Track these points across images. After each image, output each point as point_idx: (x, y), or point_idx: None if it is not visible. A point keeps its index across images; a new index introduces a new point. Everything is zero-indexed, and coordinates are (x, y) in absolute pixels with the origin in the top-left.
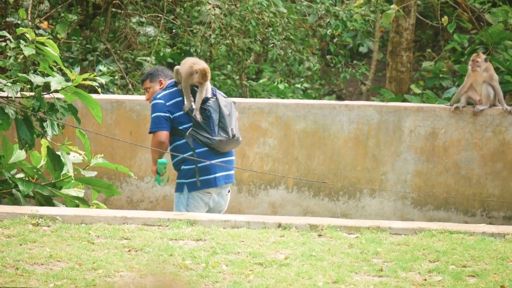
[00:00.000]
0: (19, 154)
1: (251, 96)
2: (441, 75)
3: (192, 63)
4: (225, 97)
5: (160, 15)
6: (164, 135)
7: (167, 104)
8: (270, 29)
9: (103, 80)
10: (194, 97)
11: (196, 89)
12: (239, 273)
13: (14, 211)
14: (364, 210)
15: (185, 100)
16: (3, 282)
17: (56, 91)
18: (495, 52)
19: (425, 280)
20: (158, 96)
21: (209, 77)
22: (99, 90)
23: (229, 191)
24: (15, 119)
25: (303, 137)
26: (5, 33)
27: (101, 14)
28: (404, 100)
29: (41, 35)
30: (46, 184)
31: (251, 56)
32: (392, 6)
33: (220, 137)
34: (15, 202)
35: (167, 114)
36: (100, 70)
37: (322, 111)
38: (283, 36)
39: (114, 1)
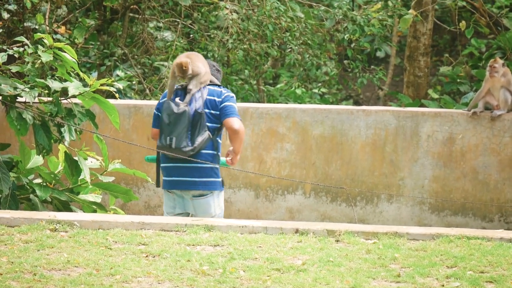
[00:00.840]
0: (36, 160)
1: (268, 101)
2: (458, 80)
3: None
4: (202, 105)
5: (178, 20)
6: (153, 132)
7: (160, 101)
8: (288, 34)
9: (120, 85)
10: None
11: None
12: (256, 278)
13: (32, 216)
14: (382, 215)
15: None
16: (21, 287)
17: (74, 96)
18: None
19: (443, 286)
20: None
21: (187, 72)
22: (117, 95)
23: (196, 196)
24: (32, 125)
25: (320, 142)
26: (23, 38)
27: (118, 19)
28: (422, 105)
29: (58, 40)
30: (64, 189)
31: (268, 61)
32: (410, 11)
33: (161, 144)
34: (33, 207)
35: (156, 112)
36: (118, 75)
37: (340, 116)
38: (301, 41)
39: (132, 6)
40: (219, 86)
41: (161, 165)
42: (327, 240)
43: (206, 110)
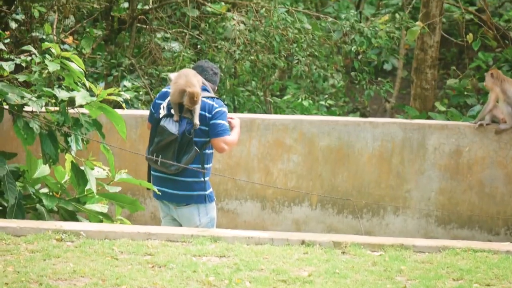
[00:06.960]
0: (43, 169)
1: (275, 113)
2: (465, 93)
3: (184, 84)
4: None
5: (185, 31)
6: (148, 125)
7: (156, 100)
8: (295, 45)
9: (127, 95)
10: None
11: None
12: None
13: (38, 226)
14: (388, 227)
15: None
16: None
17: (81, 106)
18: None
19: None
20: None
21: (197, 102)
22: (124, 105)
23: (180, 206)
24: (39, 134)
25: (327, 153)
26: (30, 47)
27: (126, 29)
28: (429, 118)
29: (66, 50)
30: (70, 199)
31: (275, 72)
32: (417, 23)
33: (148, 155)
34: (39, 217)
35: (151, 108)
36: (125, 86)
37: (347, 128)
38: (308, 53)
39: (139, 17)
40: (212, 98)
41: (151, 172)
42: (333, 252)
43: None
